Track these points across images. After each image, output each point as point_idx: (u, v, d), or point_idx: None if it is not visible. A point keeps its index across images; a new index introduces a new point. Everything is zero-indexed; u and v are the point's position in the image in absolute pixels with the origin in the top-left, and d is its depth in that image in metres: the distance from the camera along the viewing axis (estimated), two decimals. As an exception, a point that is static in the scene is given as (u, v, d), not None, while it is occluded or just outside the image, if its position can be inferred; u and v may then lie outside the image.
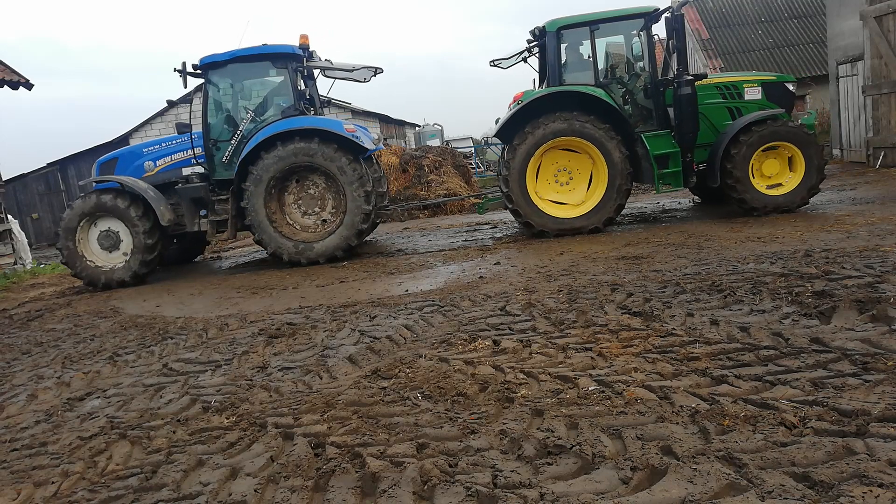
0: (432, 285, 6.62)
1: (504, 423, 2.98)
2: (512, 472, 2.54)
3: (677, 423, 2.78)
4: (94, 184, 9.71)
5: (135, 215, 9.12)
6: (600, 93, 8.69)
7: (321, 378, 4.01)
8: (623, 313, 4.53)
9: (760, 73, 10.04)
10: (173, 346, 5.37)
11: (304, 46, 9.43)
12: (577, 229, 8.84)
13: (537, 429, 2.88)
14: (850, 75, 13.53)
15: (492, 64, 10.08)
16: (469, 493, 2.40)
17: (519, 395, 3.29)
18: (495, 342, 4.21)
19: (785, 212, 8.44)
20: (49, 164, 23.83)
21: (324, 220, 9.35)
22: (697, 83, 8.64)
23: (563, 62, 9.12)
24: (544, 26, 9.11)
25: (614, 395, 3.14)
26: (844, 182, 11.08)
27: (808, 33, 22.33)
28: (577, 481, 2.42)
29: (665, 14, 8.79)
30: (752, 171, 8.48)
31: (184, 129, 9.39)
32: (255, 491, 2.65)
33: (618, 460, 2.53)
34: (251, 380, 4.15)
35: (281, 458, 2.93)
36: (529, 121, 8.72)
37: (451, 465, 2.63)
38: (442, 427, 3.03)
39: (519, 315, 4.85)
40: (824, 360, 3.26)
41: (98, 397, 4.23)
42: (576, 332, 4.23)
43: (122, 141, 23.09)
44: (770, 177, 8.61)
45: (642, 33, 8.90)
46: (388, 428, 3.10)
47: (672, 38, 8.68)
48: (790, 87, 9.10)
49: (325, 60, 9.88)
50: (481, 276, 6.71)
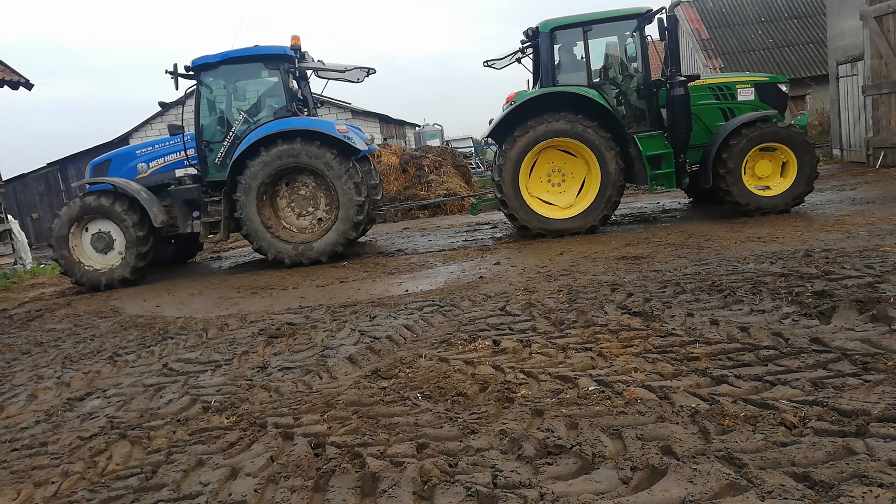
0: (432, 285, 6.62)
1: (504, 423, 2.98)
2: (512, 472, 2.54)
3: (677, 423, 2.78)
4: (87, 185, 9.72)
5: (121, 210, 9.10)
6: (593, 94, 8.68)
7: (321, 378, 4.01)
8: (623, 313, 4.53)
9: (753, 74, 10.05)
10: (173, 346, 5.37)
11: (295, 47, 9.41)
12: (558, 231, 8.84)
13: (537, 429, 2.88)
14: (850, 75, 13.54)
15: (485, 64, 10.05)
16: (469, 493, 2.40)
17: (519, 395, 3.29)
18: (495, 342, 4.21)
19: (765, 213, 8.48)
20: (49, 164, 23.85)
21: (319, 219, 9.34)
22: (690, 84, 8.65)
23: (557, 63, 9.12)
24: (538, 27, 9.09)
25: (614, 395, 3.14)
26: (844, 182, 11.08)
27: (808, 33, 22.32)
28: (577, 481, 2.42)
29: (658, 15, 8.79)
30: (745, 167, 8.51)
31: (176, 130, 9.39)
32: (255, 491, 2.65)
33: (618, 460, 2.53)
34: (251, 380, 4.15)
35: (281, 458, 2.93)
36: (523, 122, 8.71)
37: (451, 465, 2.63)
38: (442, 427, 3.03)
39: (519, 315, 4.85)
40: (824, 360, 3.26)
41: (98, 397, 4.23)
42: (576, 332, 4.23)
43: (122, 141, 23.12)
44: (761, 178, 8.64)
45: (636, 34, 8.90)
46: (388, 428, 3.10)
47: (664, 39, 8.69)
48: (783, 88, 9.11)
49: (318, 61, 9.87)
50: (481, 276, 6.72)
